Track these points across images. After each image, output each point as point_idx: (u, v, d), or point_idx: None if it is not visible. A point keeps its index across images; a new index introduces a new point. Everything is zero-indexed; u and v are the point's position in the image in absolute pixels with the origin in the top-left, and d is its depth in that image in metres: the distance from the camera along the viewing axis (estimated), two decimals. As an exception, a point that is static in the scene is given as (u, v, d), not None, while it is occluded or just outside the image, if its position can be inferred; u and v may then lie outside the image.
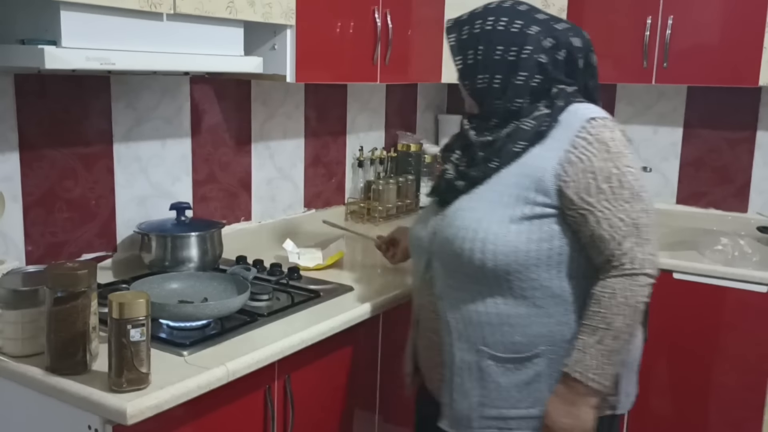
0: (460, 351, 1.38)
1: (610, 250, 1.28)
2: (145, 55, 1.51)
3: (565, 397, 1.33)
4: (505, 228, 1.30)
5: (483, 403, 1.37)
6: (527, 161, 1.32)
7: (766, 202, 2.70)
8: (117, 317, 1.19)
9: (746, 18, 2.35)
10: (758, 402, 2.21)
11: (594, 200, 1.28)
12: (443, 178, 1.43)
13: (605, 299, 1.29)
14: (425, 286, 1.45)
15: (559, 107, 1.34)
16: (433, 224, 1.43)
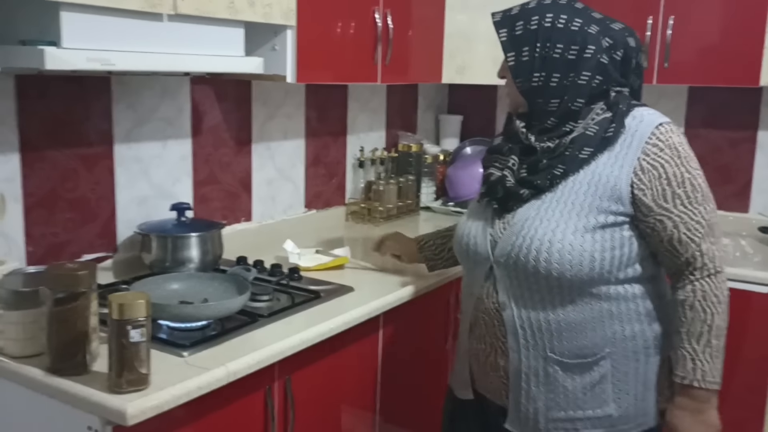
0: (526, 357, 1.38)
1: (691, 252, 1.31)
2: (146, 55, 1.51)
3: (691, 408, 1.35)
4: (581, 238, 1.30)
5: (549, 407, 1.38)
6: (596, 169, 1.33)
7: (767, 202, 2.69)
8: (117, 318, 1.20)
9: (747, 18, 2.34)
10: (760, 403, 2.21)
11: (671, 206, 1.30)
12: (501, 184, 1.39)
13: (699, 302, 1.32)
14: (485, 294, 1.42)
15: (622, 111, 1.34)
16: (494, 232, 1.40)
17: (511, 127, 1.43)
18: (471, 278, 1.47)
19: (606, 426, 1.38)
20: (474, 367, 1.50)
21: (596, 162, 1.33)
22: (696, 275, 1.33)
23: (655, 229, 1.32)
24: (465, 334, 1.51)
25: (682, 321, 1.34)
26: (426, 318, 2.02)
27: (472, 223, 1.47)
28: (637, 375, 1.38)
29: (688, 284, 1.33)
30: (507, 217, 1.39)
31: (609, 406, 1.37)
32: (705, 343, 1.32)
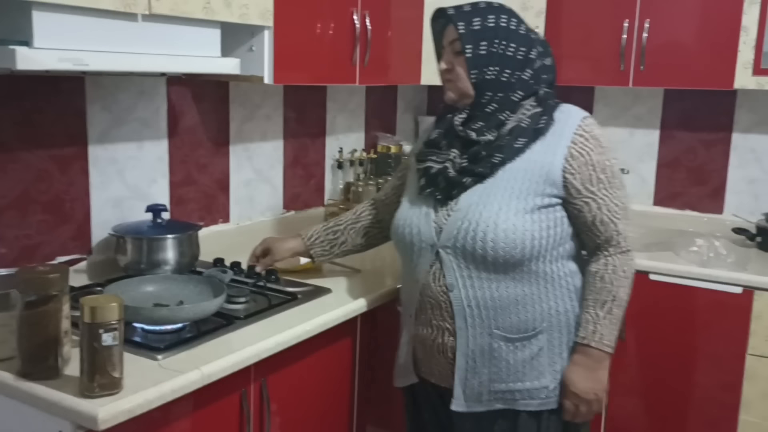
0: (473, 336, 1.49)
1: (610, 232, 1.48)
2: (120, 56, 1.50)
3: (586, 365, 1.50)
4: (522, 219, 1.43)
5: (492, 380, 1.50)
6: (531, 156, 1.46)
7: (741, 203, 2.73)
8: (89, 321, 1.18)
9: (721, 22, 2.38)
10: (733, 401, 2.24)
11: (596, 189, 1.47)
12: (443, 176, 1.49)
13: (609, 275, 1.49)
14: (431, 278, 1.50)
15: (551, 106, 1.50)
16: (438, 219, 1.50)
17: (445, 122, 1.54)
18: (415, 266, 1.54)
19: (542, 397, 1.51)
20: (419, 353, 1.59)
21: (531, 150, 1.47)
22: (610, 251, 1.50)
23: (581, 210, 1.48)
24: (409, 322, 1.59)
25: (591, 290, 1.50)
26: (404, 319, 2.02)
27: (411, 213, 1.56)
28: (568, 348, 1.52)
29: (602, 258, 1.51)
30: (450, 204, 1.50)
31: (545, 377, 1.51)
32: (607, 310, 1.49)
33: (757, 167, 2.70)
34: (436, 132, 1.55)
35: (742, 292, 2.18)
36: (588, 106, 2.95)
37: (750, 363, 2.20)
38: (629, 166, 2.85)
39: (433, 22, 1.55)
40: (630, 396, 2.38)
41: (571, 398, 1.51)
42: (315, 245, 1.85)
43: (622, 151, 2.92)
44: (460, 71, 1.49)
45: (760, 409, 2.20)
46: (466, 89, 1.50)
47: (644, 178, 2.90)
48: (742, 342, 2.20)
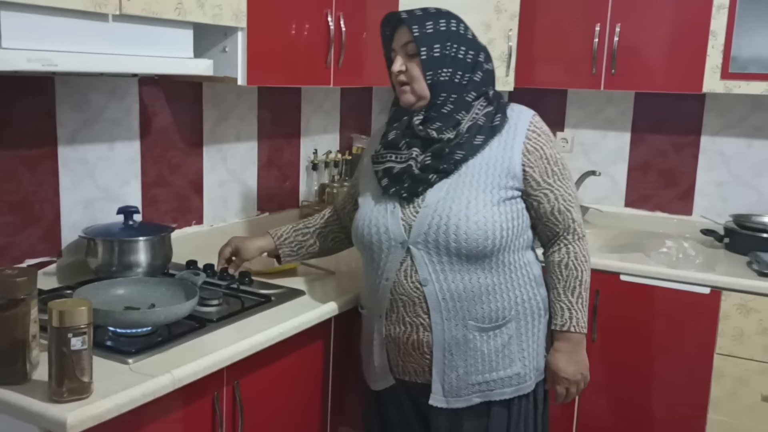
0: (449, 328, 1.52)
1: (567, 221, 1.57)
2: (90, 56, 1.48)
3: (568, 350, 1.59)
4: (490, 211, 1.48)
5: (469, 372, 1.54)
6: (490, 152, 1.52)
7: (709, 205, 2.78)
8: (57, 326, 1.17)
9: (690, 27, 2.42)
10: (702, 399, 2.28)
11: (552, 180, 1.55)
12: (408, 174, 1.52)
13: (572, 261, 1.58)
14: (403, 276, 1.53)
15: (503, 105, 1.57)
16: (406, 216, 1.53)
17: (401, 123, 1.57)
18: (383, 265, 1.56)
19: (514, 384, 1.57)
20: (392, 353, 1.61)
21: (489, 146, 1.53)
22: (569, 239, 1.59)
23: (540, 202, 1.55)
24: (379, 324, 1.60)
25: (559, 279, 1.59)
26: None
27: (375, 213, 1.58)
28: (534, 334, 1.59)
29: (563, 247, 1.59)
30: (416, 201, 1.53)
31: (516, 365, 1.57)
32: (578, 295, 1.58)
33: (725, 170, 2.75)
34: (393, 133, 1.57)
35: (710, 293, 2.22)
36: (561, 109, 2.98)
37: (718, 362, 2.24)
38: (601, 168, 2.88)
39: (384, 26, 1.59)
40: (601, 395, 2.42)
41: (562, 383, 1.61)
42: (284, 245, 1.85)
43: (595, 153, 2.96)
44: (416, 73, 1.53)
45: (728, 407, 2.24)
46: (422, 91, 1.54)
47: (616, 180, 2.94)
48: (710, 341, 2.24)
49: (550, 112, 2.98)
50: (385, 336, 1.60)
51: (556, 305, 1.59)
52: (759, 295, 2.16)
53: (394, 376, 1.63)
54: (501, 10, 2.59)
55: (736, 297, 2.19)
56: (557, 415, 2.42)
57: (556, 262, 1.59)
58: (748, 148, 2.71)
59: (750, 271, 2.26)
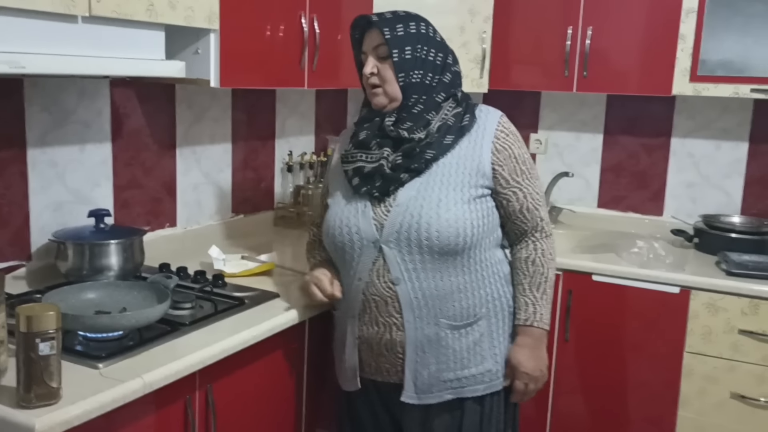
0: (420, 327, 1.54)
1: (535, 219, 1.60)
2: (60, 58, 1.47)
3: (530, 345, 1.60)
4: (461, 209, 1.50)
5: (440, 369, 1.56)
6: (460, 152, 1.54)
7: (679, 206, 2.83)
8: (25, 331, 1.15)
9: (660, 30, 2.46)
10: (672, 397, 2.31)
11: (521, 179, 1.57)
12: (380, 173, 1.53)
13: (539, 258, 1.60)
14: (375, 275, 1.54)
15: (471, 106, 1.59)
16: (377, 216, 1.54)
17: (373, 124, 1.58)
18: (355, 265, 1.56)
19: (486, 381, 1.59)
20: (364, 354, 1.62)
21: (459, 146, 1.55)
22: (537, 236, 1.61)
23: (510, 200, 1.58)
24: (352, 324, 1.61)
25: (524, 274, 1.61)
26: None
27: (346, 213, 1.58)
28: (505, 332, 1.61)
29: (530, 244, 1.61)
30: (387, 200, 1.54)
31: (488, 361, 1.59)
32: (542, 291, 1.60)
33: (695, 171, 2.80)
34: (364, 133, 1.58)
35: (679, 292, 2.26)
36: (535, 111, 3.01)
37: (687, 360, 2.28)
38: (575, 170, 2.92)
39: (353, 29, 1.62)
40: (573, 394, 2.44)
41: (522, 378, 1.61)
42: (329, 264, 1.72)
43: (568, 155, 2.99)
44: (388, 75, 1.55)
45: (697, 405, 2.28)
46: (394, 93, 1.56)
47: (589, 181, 2.97)
48: (679, 340, 2.28)
49: (525, 114, 3.00)
50: (358, 337, 1.61)
51: (520, 300, 1.61)
52: (727, 294, 2.20)
53: (366, 377, 1.64)
54: (475, 12, 2.60)
55: (705, 296, 2.23)
56: (531, 414, 2.45)
57: (522, 258, 1.61)
58: (717, 150, 2.76)
59: (719, 271, 2.30)
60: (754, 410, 2.22)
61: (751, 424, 2.22)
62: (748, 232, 2.48)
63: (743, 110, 2.69)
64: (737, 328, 2.20)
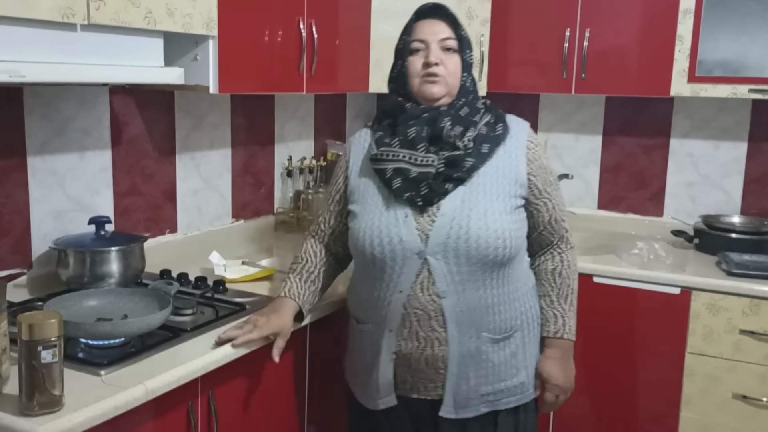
0: (463, 341, 1.49)
1: (561, 230, 1.61)
2: (59, 66, 1.47)
3: (560, 357, 1.60)
4: (506, 218, 1.48)
5: (479, 383, 1.52)
6: (497, 161, 1.52)
7: (679, 206, 2.83)
8: (27, 339, 1.16)
9: (658, 32, 2.46)
10: (675, 397, 2.31)
11: (550, 190, 1.58)
12: (426, 182, 1.47)
13: (565, 270, 1.60)
14: (419, 288, 1.47)
15: (501, 115, 1.59)
16: (421, 226, 1.47)
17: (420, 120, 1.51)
18: (396, 278, 1.47)
19: (519, 393, 1.57)
20: (400, 370, 1.53)
21: (496, 155, 1.52)
22: (563, 247, 1.62)
23: (540, 210, 1.57)
24: (388, 339, 1.51)
25: (552, 286, 1.60)
26: (354, 327, 2.03)
27: (384, 222, 1.49)
28: (535, 343, 1.60)
29: (557, 256, 1.61)
30: (430, 210, 1.48)
31: (521, 374, 1.57)
32: (569, 303, 1.61)
33: (694, 171, 2.80)
34: (413, 131, 1.50)
35: (680, 293, 2.26)
36: (534, 113, 3.01)
37: (689, 361, 2.28)
38: (574, 171, 2.92)
39: (422, 15, 1.57)
40: (576, 395, 2.42)
41: (553, 390, 1.61)
42: (306, 303, 1.65)
43: (567, 156, 3.00)
44: (452, 67, 1.53)
45: (700, 405, 2.28)
46: (454, 87, 1.54)
47: (588, 182, 2.97)
48: (681, 341, 2.28)
49: (523, 116, 2.91)
50: (395, 352, 1.52)
51: (548, 312, 1.60)
52: (728, 294, 2.20)
53: (398, 394, 1.56)
54: (473, 16, 2.61)
55: (706, 296, 2.23)
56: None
57: (549, 270, 1.60)
58: (716, 150, 2.76)
59: (719, 271, 2.30)
60: (757, 410, 2.21)
61: (754, 424, 2.22)
62: (747, 232, 2.48)
63: (741, 109, 2.69)
64: (738, 328, 2.20)
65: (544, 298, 1.61)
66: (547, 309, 1.60)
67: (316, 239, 1.71)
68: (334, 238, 1.69)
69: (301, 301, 1.63)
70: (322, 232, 1.70)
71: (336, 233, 1.68)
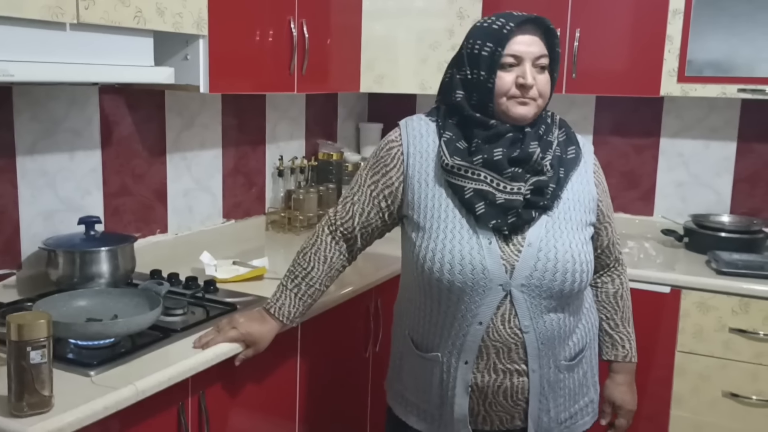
0: (543, 372, 1.41)
1: (617, 253, 1.58)
2: (48, 65, 1.46)
3: (629, 381, 1.60)
4: (586, 249, 1.42)
5: (558, 411, 1.47)
6: (573, 186, 1.44)
7: (669, 205, 2.84)
8: (16, 339, 1.15)
9: (647, 32, 2.47)
10: (665, 396, 2.32)
11: (610, 213, 1.54)
12: (514, 210, 1.35)
13: (625, 292, 1.60)
14: (500, 320, 1.36)
15: (573, 134, 1.50)
16: (506, 256, 1.35)
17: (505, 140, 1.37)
18: (475, 308, 1.36)
19: (591, 411, 1.56)
20: (474, 403, 1.43)
21: (571, 180, 1.44)
22: (620, 270, 1.60)
23: (601, 234, 1.52)
24: (463, 371, 1.40)
25: (615, 309, 1.58)
26: (345, 327, 2.03)
27: (467, 248, 1.36)
28: (596, 356, 1.58)
29: (616, 278, 1.59)
30: (516, 238, 1.37)
31: (591, 391, 1.55)
32: (631, 325, 1.60)
33: (684, 171, 2.82)
34: (499, 153, 1.36)
35: (670, 292, 2.27)
36: (524, 113, 3.02)
37: (679, 359, 2.29)
38: (565, 171, 2.92)
39: (521, 26, 1.37)
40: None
41: (627, 416, 1.60)
42: (295, 321, 1.57)
43: (558, 156, 3.00)
44: (544, 89, 1.39)
45: (690, 403, 2.29)
46: (542, 109, 1.42)
47: (579, 182, 2.98)
48: (671, 339, 2.29)
49: None
50: (470, 385, 1.41)
51: (615, 336, 1.57)
52: (717, 293, 2.21)
53: (473, 427, 1.45)
54: (464, 15, 2.61)
55: (696, 295, 2.24)
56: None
57: (611, 293, 1.57)
58: (706, 149, 2.77)
59: (709, 270, 2.31)
60: (747, 408, 2.23)
61: (744, 422, 2.23)
62: (737, 231, 2.50)
63: (731, 109, 2.71)
64: (728, 327, 2.21)
65: (608, 322, 1.57)
66: (613, 333, 1.57)
67: (336, 234, 1.52)
68: (363, 234, 1.51)
69: (288, 321, 1.54)
70: (350, 225, 1.51)
71: (369, 230, 1.51)
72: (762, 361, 2.19)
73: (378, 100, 3.27)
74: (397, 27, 2.57)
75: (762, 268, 2.26)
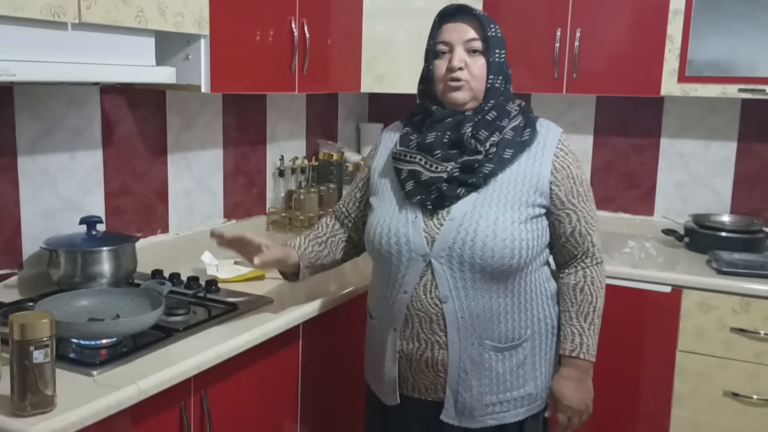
0: (464, 347, 1.47)
1: (587, 244, 1.54)
2: (50, 65, 1.46)
3: (575, 377, 1.55)
4: (518, 228, 1.43)
5: (483, 392, 1.50)
6: (519, 168, 1.48)
7: (670, 205, 2.84)
8: (19, 339, 1.15)
9: (648, 32, 2.47)
10: (666, 395, 2.32)
11: (576, 201, 1.51)
12: (437, 185, 1.45)
13: (588, 286, 1.54)
14: (422, 290, 1.46)
15: (532, 119, 1.54)
16: (429, 229, 1.46)
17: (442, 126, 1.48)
18: (401, 278, 1.49)
19: (526, 404, 1.54)
20: (403, 369, 1.54)
21: (518, 161, 1.48)
22: (587, 263, 1.55)
23: (562, 222, 1.51)
24: (393, 337, 1.53)
25: (572, 302, 1.55)
26: (346, 326, 2.03)
27: (395, 222, 1.50)
28: (548, 353, 1.56)
29: (579, 270, 1.55)
30: (441, 213, 1.46)
31: (529, 384, 1.53)
32: (590, 321, 1.54)
33: (684, 171, 2.82)
34: (432, 136, 1.48)
35: (671, 291, 2.27)
36: (525, 113, 3.02)
37: (680, 359, 2.29)
38: (565, 171, 2.93)
39: (446, 16, 1.52)
40: (569, 394, 2.45)
41: (565, 411, 1.56)
42: (305, 256, 1.67)
43: (558, 156, 3.00)
44: (477, 71, 1.48)
45: (691, 403, 2.29)
46: (479, 91, 1.50)
47: (579, 182, 2.98)
48: (672, 339, 2.29)
49: None
50: (399, 351, 1.53)
51: (566, 329, 1.54)
52: (718, 292, 2.21)
53: (403, 393, 1.57)
54: (464, 16, 2.61)
55: (696, 295, 2.24)
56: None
57: (571, 285, 1.55)
58: (706, 149, 2.78)
59: (709, 270, 2.32)
60: (747, 408, 2.23)
61: (745, 422, 2.23)
62: (737, 231, 2.50)
63: (731, 109, 2.71)
64: (729, 326, 2.21)
65: (564, 314, 1.55)
66: (565, 325, 1.54)
67: (333, 217, 1.75)
68: (352, 223, 1.71)
69: (300, 251, 1.65)
70: (342, 214, 1.74)
71: (353, 218, 1.71)
72: (762, 360, 2.20)
73: (378, 100, 3.27)
74: (398, 27, 2.57)
75: (762, 267, 2.26)
